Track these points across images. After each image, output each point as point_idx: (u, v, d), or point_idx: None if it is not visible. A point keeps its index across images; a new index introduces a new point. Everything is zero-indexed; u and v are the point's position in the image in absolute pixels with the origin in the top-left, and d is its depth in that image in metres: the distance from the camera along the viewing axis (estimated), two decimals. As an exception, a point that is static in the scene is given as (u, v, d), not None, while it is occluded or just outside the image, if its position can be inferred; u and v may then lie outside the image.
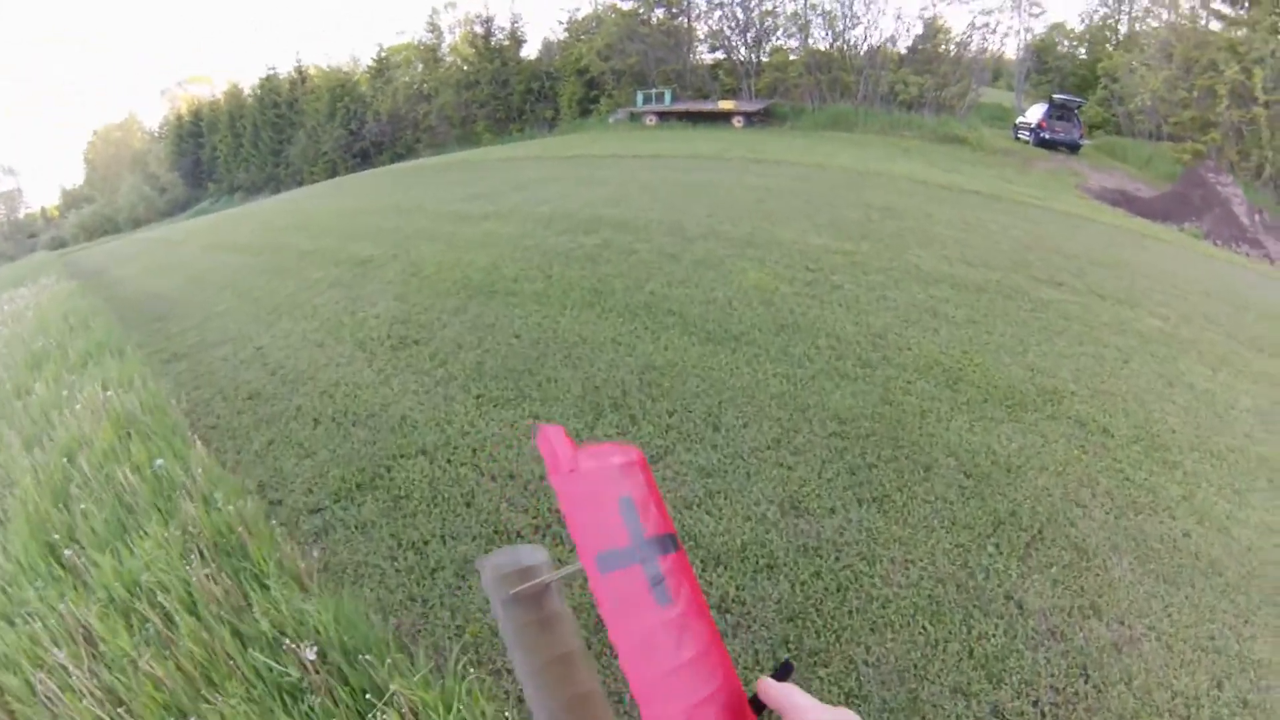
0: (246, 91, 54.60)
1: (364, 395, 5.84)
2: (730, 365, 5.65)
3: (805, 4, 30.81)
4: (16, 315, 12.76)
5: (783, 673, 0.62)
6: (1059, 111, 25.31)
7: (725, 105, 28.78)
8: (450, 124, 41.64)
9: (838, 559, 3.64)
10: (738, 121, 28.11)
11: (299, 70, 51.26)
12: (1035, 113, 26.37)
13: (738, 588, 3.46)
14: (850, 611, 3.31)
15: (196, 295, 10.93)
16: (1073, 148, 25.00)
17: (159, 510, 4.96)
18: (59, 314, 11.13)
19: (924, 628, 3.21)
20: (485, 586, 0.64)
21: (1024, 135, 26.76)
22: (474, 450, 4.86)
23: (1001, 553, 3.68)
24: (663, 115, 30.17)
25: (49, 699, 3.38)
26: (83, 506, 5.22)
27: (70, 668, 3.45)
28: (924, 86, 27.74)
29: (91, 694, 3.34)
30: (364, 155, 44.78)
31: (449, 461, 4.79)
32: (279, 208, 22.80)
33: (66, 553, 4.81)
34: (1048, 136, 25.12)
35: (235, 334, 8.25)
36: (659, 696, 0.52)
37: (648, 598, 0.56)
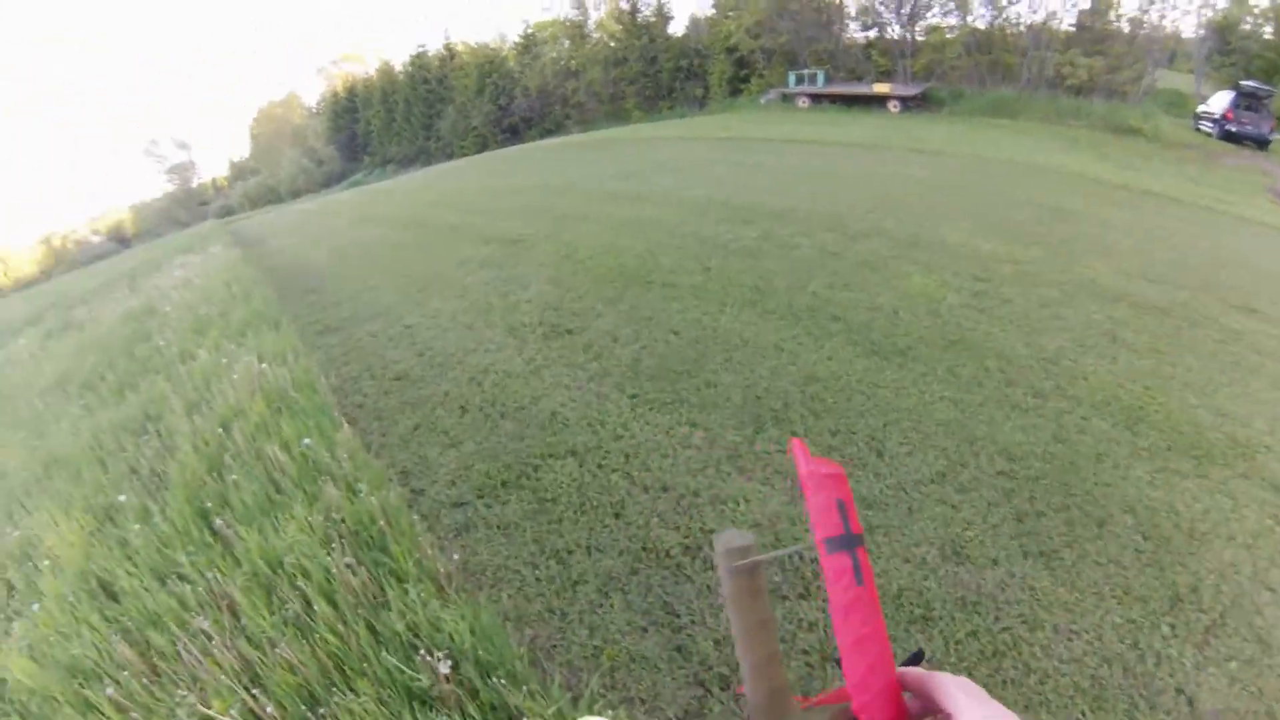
0: (398, 69, 59.05)
1: (513, 386, 5.89)
2: (896, 383, 5.28)
3: None
4: (186, 281, 14.20)
5: (914, 659, 0.81)
6: (1247, 101, 22.67)
7: (880, 88, 27.72)
8: (599, 100, 42.76)
9: (997, 619, 3.29)
10: (893, 106, 27.01)
11: (448, 47, 54.64)
12: (1219, 102, 23.68)
13: (890, 638, 3.14)
14: (1005, 682, 3.00)
15: (348, 268, 11.65)
16: (1261, 143, 22.32)
17: (304, 492, 5.21)
18: (222, 282, 12.23)
19: (1082, 713, 2.87)
20: (716, 557, 0.80)
21: (1206, 126, 24.14)
22: (626, 456, 4.75)
23: (1177, 636, 3.22)
24: (815, 97, 29.52)
25: (193, 663, 3.58)
26: (234, 478, 5.59)
27: (214, 635, 3.64)
28: (1093, 70, 25.22)
29: (230, 666, 3.51)
30: (513, 130, 46.84)
31: (599, 466, 4.70)
32: (428, 182, 24.19)
33: (218, 521, 5.15)
34: (1234, 129, 22.60)
35: (385, 310, 8.66)
36: (856, 653, 0.73)
37: (851, 577, 0.74)
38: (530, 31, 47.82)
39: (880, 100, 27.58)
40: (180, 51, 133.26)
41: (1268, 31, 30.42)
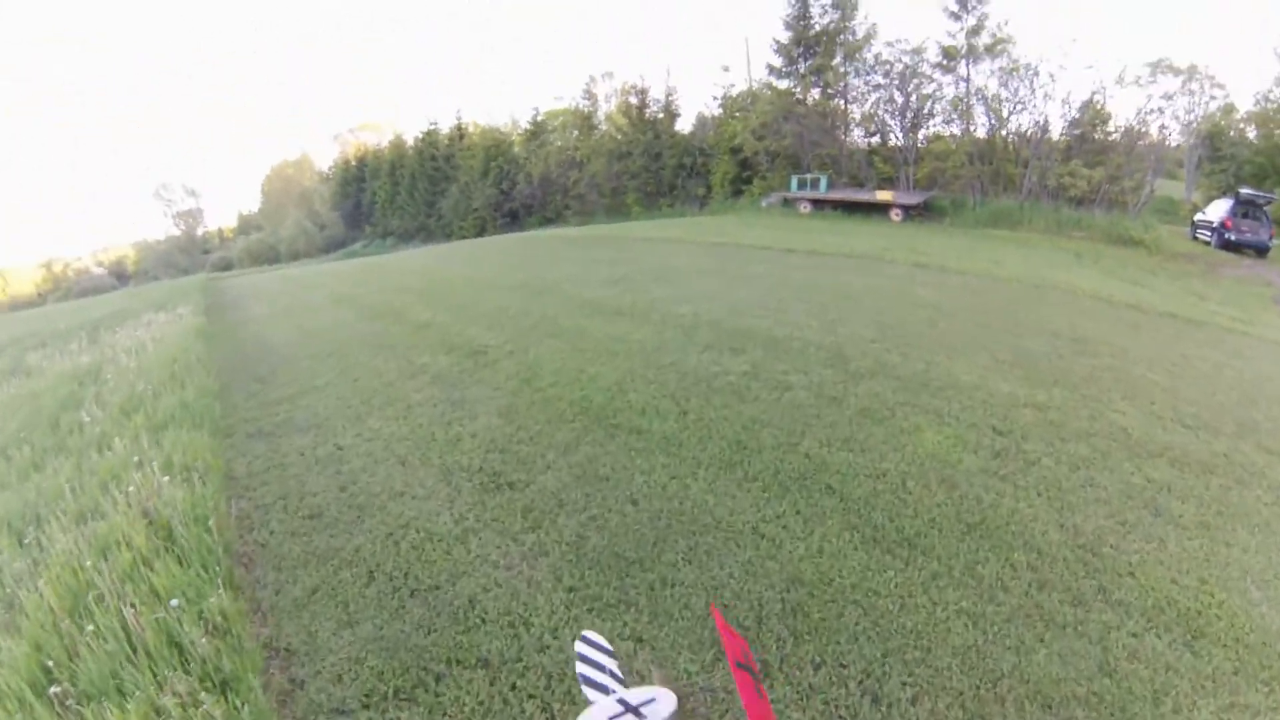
0: (409, 143, 59.45)
1: (433, 553, 4.90)
2: (901, 589, 4.27)
3: (968, 88, 29.37)
4: (140, 346, 13.20)
5: None
6: (1245, 209, 22.61)
7: (883, 196, 27.64)
8: (600, 193, 42.67)
9: None
10: (895, 215, 26.85)
11: (459, 126, 55.19)
12: (1217, 210, 23.63)
13: None
14: None
15: (303, 358, 10.76)
16: (1261, 250, 22.19)
17: (153, 674, 4.17)
18: (170, 355, 11.28)
19: None
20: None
21: (1204, 235, 24.11)
22: (549, 678, 3.73)
23: None
24: (817, 202, 29.44)
25: None
26: (90, 628, 4.57)
27: None
28: (1093, 180, 25.36)
29: None
30: (513, 215, 46.86)
31: (514, 689, 3.68)
32: (414, 265, 23.49)
33: (54, 689, 4.16)
34: (1233, 238, 22.51)
35: (322, 420, 7.73)
36: None
37: (753, 689, 1.02)
38: (540, 118, 48.16)
39: (882, 208, 27.35)
40: (203, 100, 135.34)
41: (1252, 136, 30.87)
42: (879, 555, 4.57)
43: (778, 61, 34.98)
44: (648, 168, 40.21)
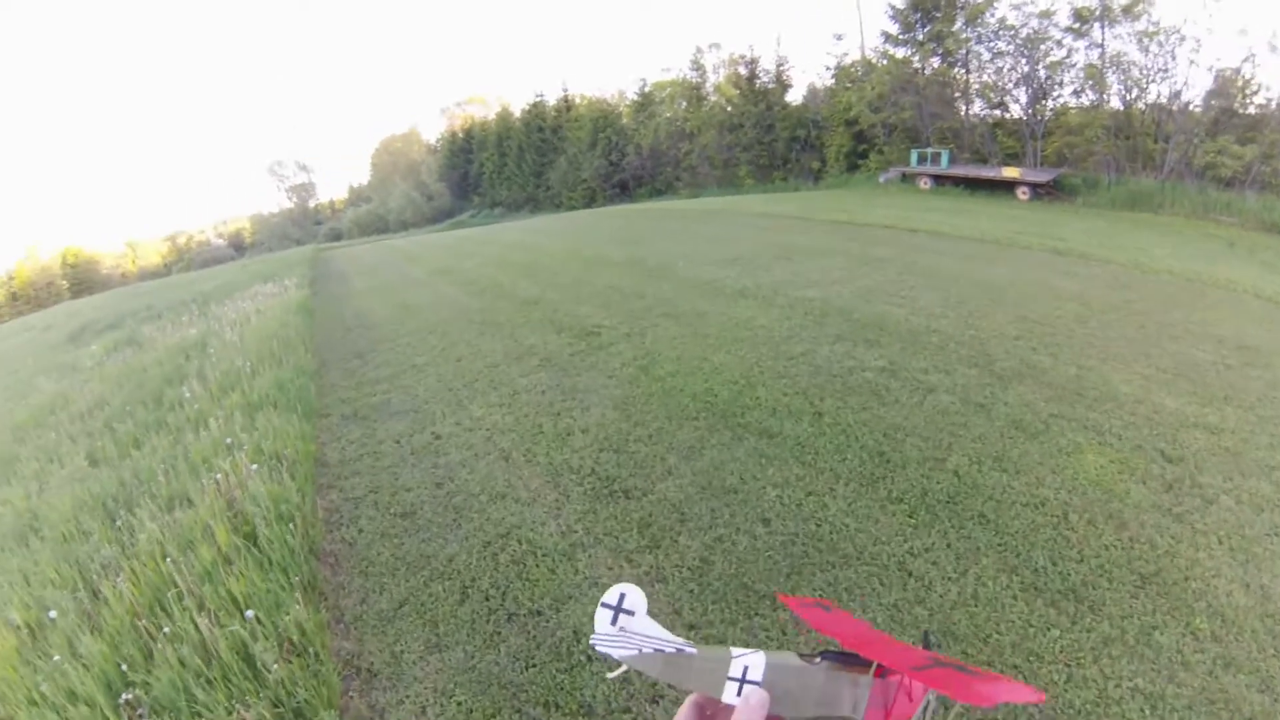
0: (516, 114, 60.08)
1: (536, 570, 4.37)
2: (1067, 653, 3.45)
3: (1102, 55, 26.26)
4: (245, 319, 13.50)
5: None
6: None
7: (1009, 173, 25.47)
8: (711, 165, 41.82)
9: None
10: (1023, 193, 24.75)
11: (565, 98, 55.43)
12: None
13: None
14: None
15: (403, 335, 10.64)
16: None
17: (227, 688, 3.83)
18: (271, 330, 11.37)
19: None
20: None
21: None
22: (667, 744, 3.11)
23: None
24: (938, 178, 27.61)
25: None
26: (167, 630, 4.32)
27: None
28: (1246, 159, 22.21)
29: None
30: (623, 186, 46.64)
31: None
32: (522, 238, 23.44)
33: (125, 697, 4.06)
34: None
35: (420, 404, 7.43)
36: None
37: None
38: (648, 89, 47.74)
39: (1008, 185, 25.44)
40: (315, 75, 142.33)
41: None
42: (1042, 608, 3.74)
43: (894, 28, 32.75)
44: (760, 140, 38.95)
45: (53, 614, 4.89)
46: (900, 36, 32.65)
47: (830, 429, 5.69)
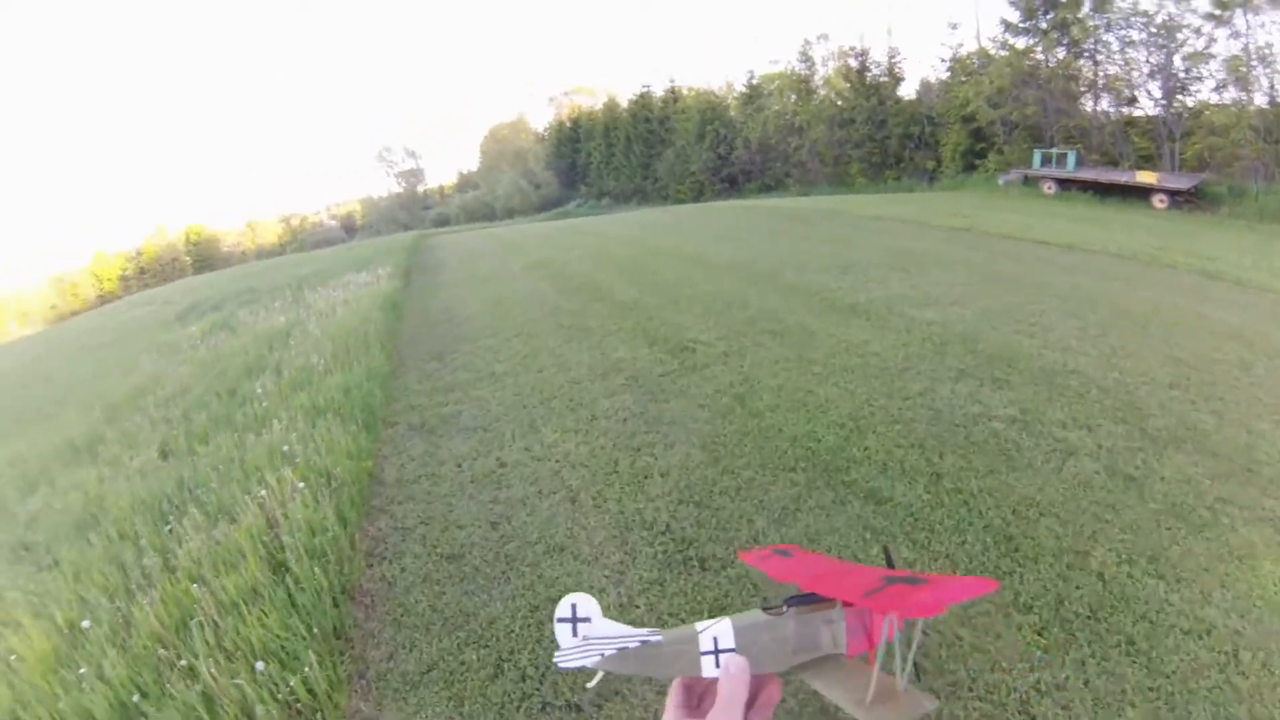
0: (624, 105, 59.94)
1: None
2: None
3: (1247, 46, 23.19)
4: (331, 309, 13.56)
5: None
6: None
7: (1145, 177, 23.00)
8: (822, 161, 40.39)
9: None
10: (1160, 201, 22.35)
11: (672, 89, 54.85)
12: None
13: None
14: None
15: (488, 334, 10.34)
16: None
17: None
18: (353, 324, 11.26)
19: None
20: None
21: None
22: None
23: None
24: (1063, 182, 25.39)
25: None
26: (184, 663, 4.11)
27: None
28: None
29: None
30: (731, 181, 45.86)
31: None
32: (623, 232, 23.03)
33: None
34: None
35: (491, 421, 7.00)
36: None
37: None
38: (756, 82, 46.49)
39: (1142, 192, 23.16)
40: (428, 63, 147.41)
41: None
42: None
43: (1014, 16, 30.38)
44: (871, 136, 37.21)
45: (86, 623, 4.75)
46: (1021, 25, 30.42)
47: (949, 498, 4.80)
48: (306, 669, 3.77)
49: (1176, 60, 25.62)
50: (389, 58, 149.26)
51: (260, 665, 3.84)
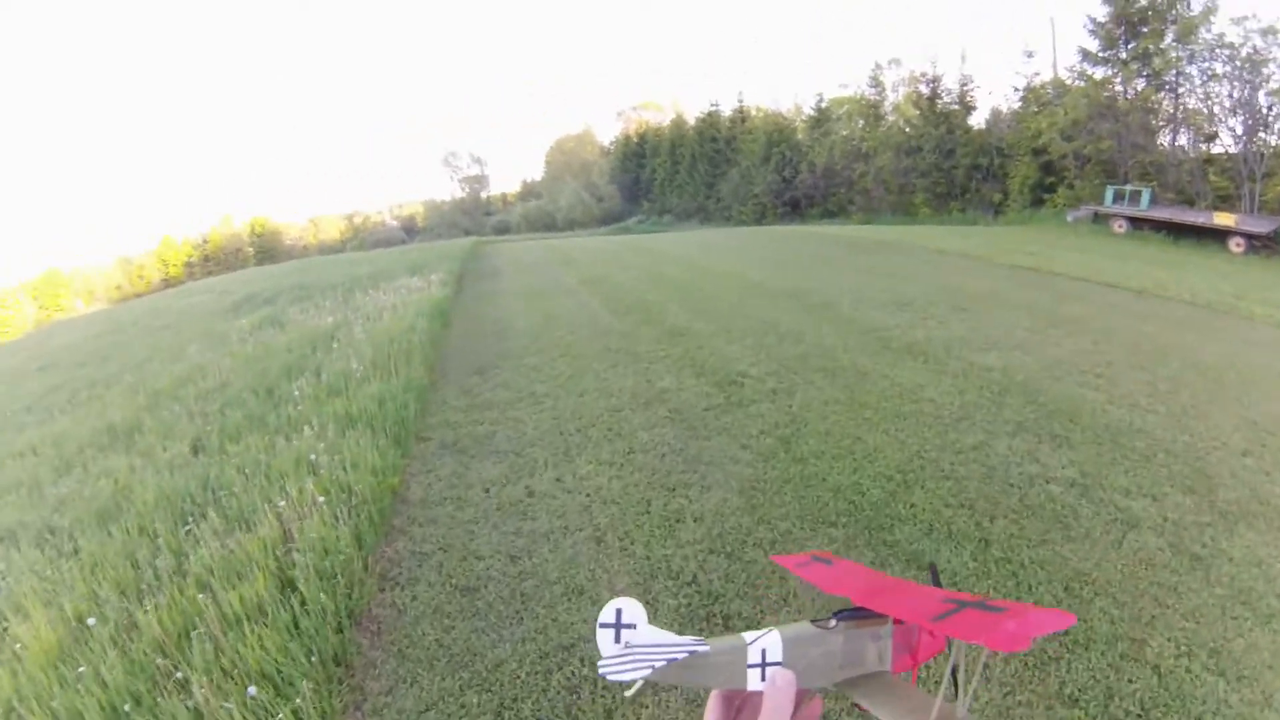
0: (690, 123, 60.08)
1: (589, 711, 3.58)
2: None
3: None
4: (378, 313, 13.61)
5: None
6: None
7: (1222, 219, 21.95)
8: (886, 189, 39.71)
9: None
10: (1237, 245, 21.32)
11: (740, 109, 54.74)
12: None
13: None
14: None
15: (533, 351, 10.23)
16: None
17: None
18: (398, 331, 11.23)
19: None
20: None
21: None
22: None
23: None
24: (1135, 220, 24.42)
25: None
26: (179, 675, 4.04)
27: None
28: None
29: None
30: (794, 205, 45.45)
31: None
32: (681, 252, 22.87)
33: None
34: None
35: (525, 446, 6.85)
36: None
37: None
38: (825, 105, 46.06)
39: (1218, 234, 22.22)
40: (499, 71, 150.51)
41: None
42: None
43: (1093, 45, 29.54)
44: (938, 165, 36.46)
45: (93, 621, 4.73)
46: (1100, 54, 29.54)
47: (998, 567, 4.43)
48: (299, 699, 3.60)
49: (1260, 96, 24.62)
50: (463, 63, 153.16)
51: (253, 690, 3.68)
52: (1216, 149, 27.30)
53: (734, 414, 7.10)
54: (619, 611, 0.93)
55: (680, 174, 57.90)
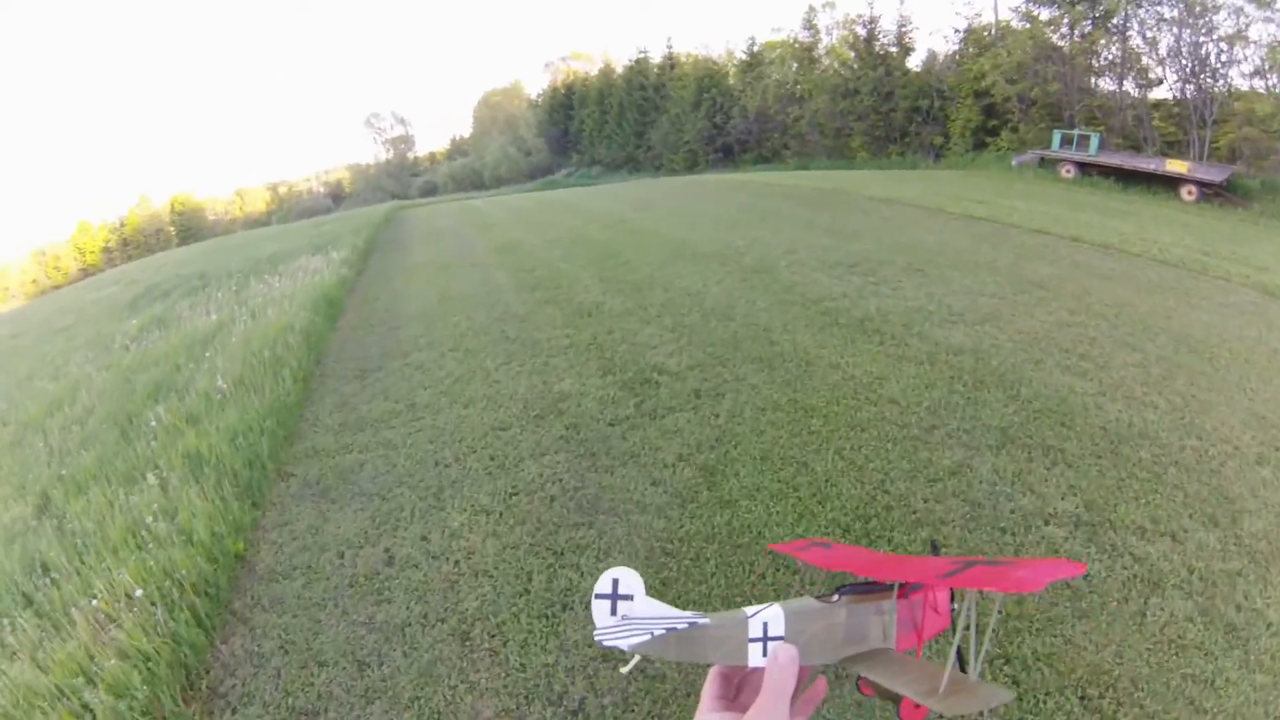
0: (619, 71, 57.71)
1: None
2: None
3: None
4: (263, 306, 12.09)
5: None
6: None
7: (1176, 166, 21.61)
8: (822, 133, 38.51)
9: None
10: (1188, 193, 20.93)
11: (670, 55, 52.60)
12: None
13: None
14: None
15: (425, 345, 8.93)
16: None
17: None
18: (275, 332, 9.72)
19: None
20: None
21: None
22: None
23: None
24: (1084, 166, 23.95)
25: None
26: None
27: None
28: None
29: None
30: (727, 151, 44.13)
31: None
32: (604, 207, 21.44)
33: None
34: None
35: (393, 484, 5.59)
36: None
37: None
38: (757, 49, 44.45)
39: (1166, 181, 21.76)
40: (424, 26, 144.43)
41: None
42: None
43: None
44: (876, 108, 35.21)
45: None
46: None
47: (992, 671, 3.32)
48: None
49: (1213, 42, 23.95)
50: (385, 20, 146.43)
51: None
52: (1164, 94, 26.80)
53: (645, 429, 5.84)
54: (615, 582, 0.90)
55: (609, 124, 55.63)
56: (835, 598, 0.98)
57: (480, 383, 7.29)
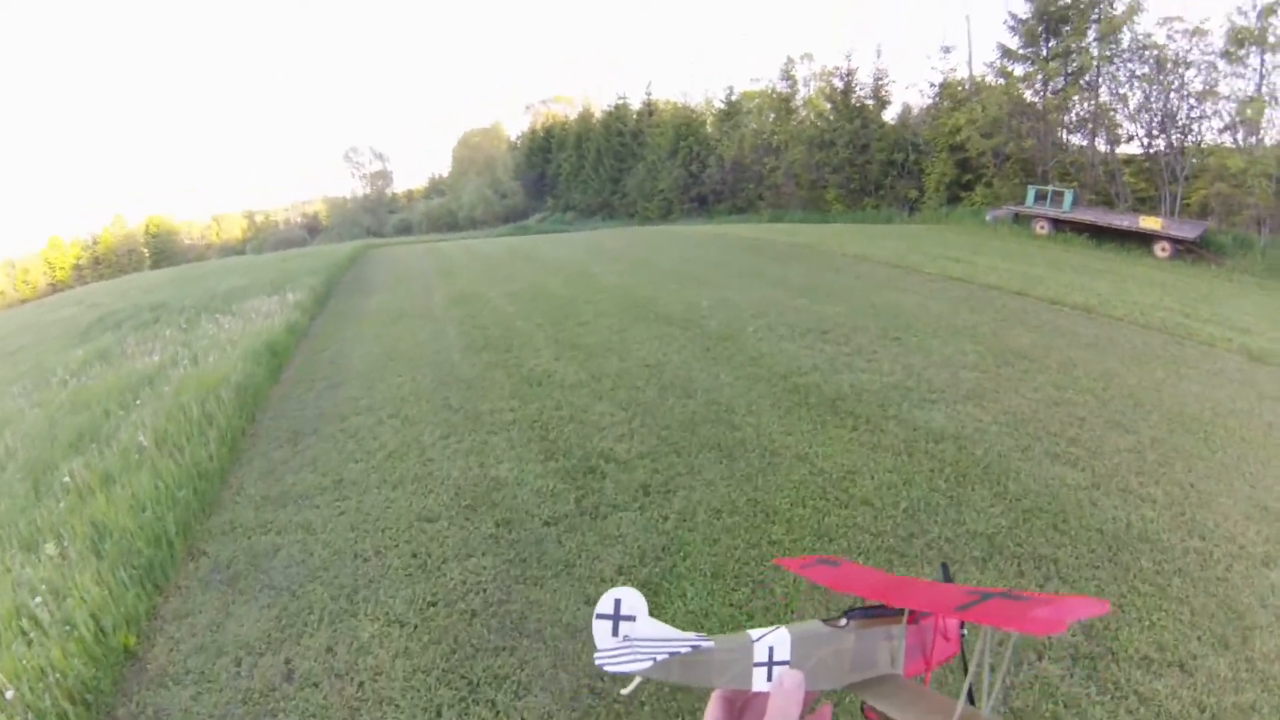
0: (597, 115, 58.25)
1: None
2: None
3: (1261, 86, 22.47)
4: (205, 352, 11.49)
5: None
6: None
7: (1149, 223, 22.04)
8: (797, 184, 38.80)
9: None
10: (1162, 250, 21.29)
11: (648, 102, 53.38)
12: None
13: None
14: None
15: (364, 409, 8.44)
16: None
17: None
18: (212, 384, 9.14)
19: None
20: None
21: None
22: None
23: None
24: (1056, 222, 24.36)
25: None
26: None
27: None
28: None
29: None
30: (702, 200, 44.37)
31: None
32: (572, 260, 21.04)
33: None
34: None
35: (308, 575, 5.09)
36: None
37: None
38: (735, 99, 45.08)
39: (1140, 237, 22.10)
40: (406, 64, 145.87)
41: None
42: None
43: (1013, 42, 29.48)
44: (852, 160, 35.63)
45: None
46: (1021, 52, 29.45)
47: None
48: None
49: (1186, 99, 24.60)
50: (373, 56, 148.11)
51: None
52: (1135, 150, 27.26)
53: (584, 532, 5.33)
54: (618, 602, 0.88)
55: (586, 169, 55.78)
56: (843, 622, 0.97)
57: (414, 459, 6.78)
